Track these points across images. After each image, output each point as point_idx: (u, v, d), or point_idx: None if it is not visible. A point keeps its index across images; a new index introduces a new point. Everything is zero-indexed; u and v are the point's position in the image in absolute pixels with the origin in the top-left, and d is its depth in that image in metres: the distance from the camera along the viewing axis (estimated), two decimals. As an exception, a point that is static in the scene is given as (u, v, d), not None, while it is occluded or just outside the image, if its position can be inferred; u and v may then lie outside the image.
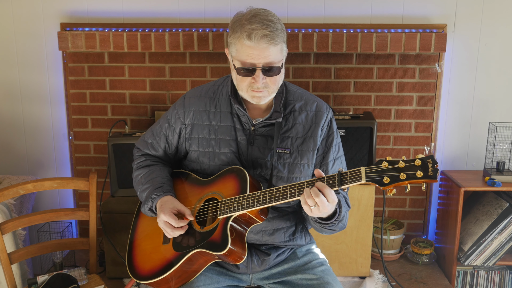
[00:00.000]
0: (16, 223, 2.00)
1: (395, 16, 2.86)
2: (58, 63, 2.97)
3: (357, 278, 2.72)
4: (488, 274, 2.79)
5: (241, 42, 1.56)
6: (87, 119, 3.02)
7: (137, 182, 1.81)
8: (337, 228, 1.61)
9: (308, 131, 1.71)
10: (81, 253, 2.99)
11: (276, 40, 1.54)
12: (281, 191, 1.51)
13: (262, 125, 1.70)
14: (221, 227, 1.58)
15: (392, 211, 3.10)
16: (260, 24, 1.53)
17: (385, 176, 1.35)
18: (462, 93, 2.94)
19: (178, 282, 1.67)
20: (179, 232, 1.61)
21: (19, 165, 3.10)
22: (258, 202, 1.53)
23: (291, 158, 1.69)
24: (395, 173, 1.33)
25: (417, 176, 1.30)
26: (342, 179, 1.43)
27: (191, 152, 1.77)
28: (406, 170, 1.32)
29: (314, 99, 1.76)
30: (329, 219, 1.56)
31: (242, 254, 1.59)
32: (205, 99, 1.76)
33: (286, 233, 1.74)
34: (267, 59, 1.55)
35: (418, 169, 1.30)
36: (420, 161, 1.31)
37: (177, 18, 2.90)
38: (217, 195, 1.66)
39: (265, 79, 1.59)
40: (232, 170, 1.67)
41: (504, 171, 2.74)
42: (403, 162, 1.34)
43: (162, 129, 1.82)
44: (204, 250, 1.57)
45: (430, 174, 1.29)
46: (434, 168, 1.29)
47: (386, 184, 1.34)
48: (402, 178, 1.32)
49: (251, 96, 1.63)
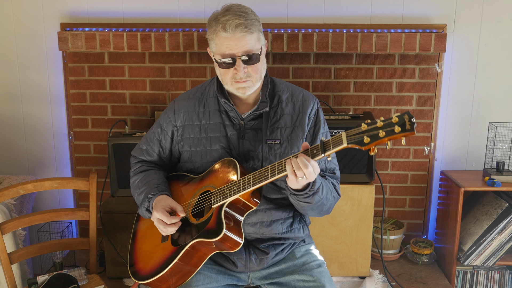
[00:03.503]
0: (16, 223, 2.00)
1: (395, 16, 2.86)
2: (58, 63, 2.97)
3: (357, 278, 2.72)
4: (488, 274, 2.79)
5: (218, 36, 1.63)
6: (87, 119, 3.03)
7: (134, 187, 1.85)
8: (313, 201, 1.61)
9: (296, 121, 1.75)
10: (81, 253, 3.00)
11: (250, 28, 1.61)
12: (269, 170, 1.54)
13: (251, 118, 1.75)
14: (216, 214, 1.61)
15: (392, 211, 3.10)
16: (233, 15, 1.61)
17: (364, 136, 1.37)
18: (462, 93, 2.95)
19: (178, 279, 1.67)
20: (172, 229, 1.64)
21: (19, 165, 3.10)
22: (249, 184, 1.57)
23: (282, 148, 1.73)
24: (375, 132, 1.36)
25: (396, 131, 1.32)
26: (325, 146, 1.45)
27: (184, 152, 1.81)
28: (385, 128, 1.35)
29: (300, 90, 1.82)
30: (304, 189, 1.57)
31: (239, 241, 1.61)
32: (194, 100, 1.82)
33: (284, 224, 1.76)
34: (244, 47, 1.62)
35: (396, 125, 1.33)
36: (397, 118, 1.34)
37: (177, 18, 2.91)
38: (210, 187, 1.70)
39: (247, 68, 1.65)
40: (223, 162, 1.72)
41: (504, 171, 2.74)
42: (381, 121, 1.36)
43: (155, 134, 1.87)
44: (201, 239, 1.59)
45: (407, 128, 1.31)
46: (411, 122, 1.31)
47: (367, 143, 1.37)
48: (381, 135, 1.34)
49: (236, 88, 1.68)
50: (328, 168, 1.78)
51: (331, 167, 1.79)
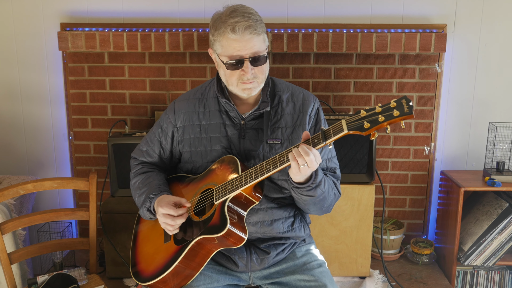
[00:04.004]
0: (16, 223, 2.00)
1: (395, 16, 2.86)
2: (58, 63, 2.97)
3: (357, 278, 2.72)
4: (488, 274, 2.79)
5: (226, 37, 1.61)
6: (87, 119, 3.02)
7: (134, 188, 1.84)
8: (316, 194, 1.61)
9: (296, 120, 1.76)
10: (81, 253, 3.00)
11: (258, 30, 1.62)
12: (271, 162, 1.55)
13: (251, 118, 1.75)
14: (219, 210, 1.61)
15: (392, 211, 3.10)
16: (242, 17, 1.60)
17: (364, 121, 1.41)
18: (462, 93, 2.95)
19: (181, 280, 1.67)
20: (180, 221, 1.64)
21: (19, 165, 3.10)
22: (251, 178, 1.57)
23: (283, 148, 1.73)
24: (374, 117, 1.40)
25: (394, 115, 1.37)
26: (326, 135, 1.47)
27: (184, 152, 1.81)
28: (384, 112, 1.39)
29: (301, 90, 1.82)
30: (306, 182, 1.58)
31: (243, 236, 1.61)
32: (194, 100, 1.82)
33: (285, 224, 1.76)
34: (252, 49, 1.62)
35: (394, 109, 1.38)
36: (395, 103, 1.39)
37: (177, 18, 2.91)
38: (211, 185, 1.70)
39: (254, 70, 1.65)
40: (223, 160, 1.72)
41: (504, 171, 2.74)
42: (380, 107, 1.41)
43: (155, 135, 1.87)
44: (205, 236, 1.58)
45: (406, 111, 1.36)
46: (409, 105, 1.36)
47: (367, 129, 1.41)
48: (380, 120, 1.39)
49: (242, 89, 1.68)
50: (329, 168, 1.79)
51: (332, 166, 1.79)
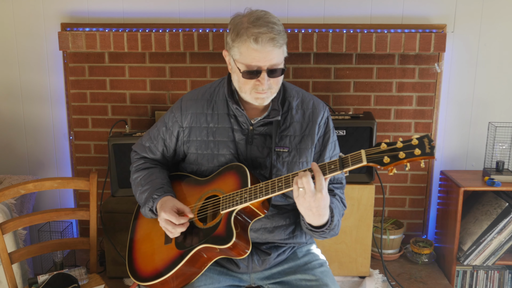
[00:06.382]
0: (16, 222, 2.01)
1: (395, 16, 2.86)
2: (58, 63, 2.97)
3: (357, 278, 2.73)
4: (488, 274, 2.80)
5: (247, 46, 1.56)
6: (88, 119, 3.03)
7: (136, 184, 1.81)
8: (328, 236, 1.64)
9: (305, 129, 1.73)
10: (81, 253, 3.00)
11: (280, 42, 1.57)
12: (283, 180, 1.53)
13: (260, 124, 1.72)
14: (225, 221, 1.59)
15: (391, 211, 3.10)
16: (266, 28, 1.55)
17: (385, 156, 1.39)
18: (461, 93, 2.95)
19: (180, 282, 1.66)
20: (180, 229, 1.62)
21: (19, 165, 3.11)
22: (261, 193, 1.55)
23: (290, 157, 1.71)
24: (394, 152, 1.39)
25: (415, 154, 1.36)
26: (343, 162, 1.45)
27: (190, 154, 1.78)
28: (405, 149, 1.38)
29: (311, 97, 1.79)
30: (321, 227, 1.58)
31: (246, 248, 1.60)
32: (202, 101, 1.77)
33: (286, 231, 1.75)
34: (272, 61, 1.58)
35: (416, 147, 1.36)
36: (417, 141, 1.37)
37: (177, 18, 2.91)
38: (218, 192, 1.67)
39: (269, 81, 1.61)
40: (231, 167, 1.69)
41: (503, 171, 2.74)
42: (401, 142, 1.40)
43: (159, 133, 1.83)
44: (208, 245, 1.57)
45: (427, 151, 1.35)
46: (431, 146, 1.35)
47: (387, 164, 1.39)
48: (401, 157, 1.37)
49: (254, 98, 1.64)
50: (336, 178, 1.77)
51: (339, 176, 1.77)
